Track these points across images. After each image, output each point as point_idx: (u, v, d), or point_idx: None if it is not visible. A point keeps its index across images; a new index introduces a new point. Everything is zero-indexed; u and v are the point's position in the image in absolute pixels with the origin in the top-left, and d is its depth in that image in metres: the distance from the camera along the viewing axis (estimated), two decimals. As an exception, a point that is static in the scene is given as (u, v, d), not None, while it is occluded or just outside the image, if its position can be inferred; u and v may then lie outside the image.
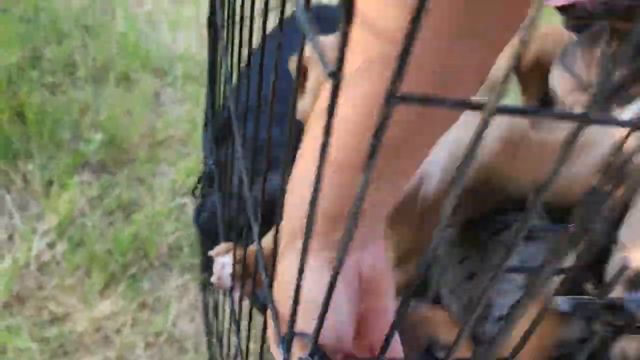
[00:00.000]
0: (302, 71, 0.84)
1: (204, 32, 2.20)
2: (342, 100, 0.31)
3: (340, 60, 0.20)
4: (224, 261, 0.74)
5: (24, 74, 1.55)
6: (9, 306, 1.08)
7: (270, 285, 0.41)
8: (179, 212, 1.31)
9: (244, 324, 0.59)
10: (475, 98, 0.34)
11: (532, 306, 0.27)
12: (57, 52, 1.70)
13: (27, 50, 1.64)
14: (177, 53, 1.94)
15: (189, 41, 2.05)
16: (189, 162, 1.45)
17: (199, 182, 0.88)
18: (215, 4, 0.99)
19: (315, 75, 0.80)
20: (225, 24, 0.72)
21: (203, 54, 1.97)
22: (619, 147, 0.23)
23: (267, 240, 0.63)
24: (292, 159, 0.36)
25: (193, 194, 0.89)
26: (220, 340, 0.88)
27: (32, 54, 1.65)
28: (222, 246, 0.75)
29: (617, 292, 0.36)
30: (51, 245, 1.20)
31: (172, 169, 1.42)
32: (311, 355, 0.29)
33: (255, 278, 0.63)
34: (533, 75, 1.06)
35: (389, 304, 0.36)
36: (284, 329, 0.31)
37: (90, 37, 1.86)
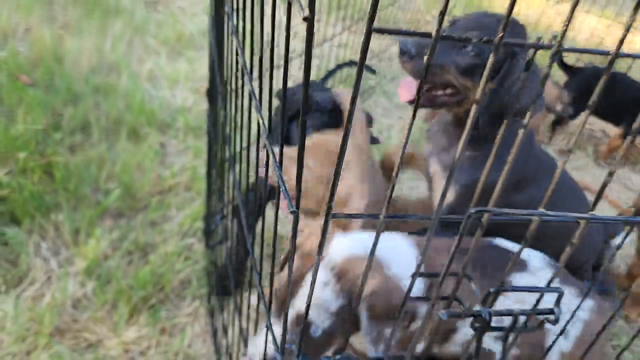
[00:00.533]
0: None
1: (198, 85, 2.49)
2: None
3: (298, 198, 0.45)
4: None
5: (48, 137, 1.81)
6: (52, 336, 1.31)
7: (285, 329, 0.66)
8: (187, 251, 1.56)
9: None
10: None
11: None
12: (74, 113, 1.96)
13: (49, 115, 1.90)
14: (176, 107, 2.20)
15: (186, 95, 2.32)
16: (193, 206, 1.70)
17: (207, 233, 1.13)
18: (215, 77, 1.25)
19: None
20: (223, 94, 0.99)
21: (199, 106, 2.24)
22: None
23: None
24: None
25: (207, 245, 1.13)
26: (229, 356, 1.12)
27: (53, 117, 1.91)
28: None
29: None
30: (82, 284, 1.44)
31: (180, 214, 1.67)
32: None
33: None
34: None
35: None
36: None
37: (101, 97, 2.12)
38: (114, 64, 2.39)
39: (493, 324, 0.60)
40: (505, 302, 0.97)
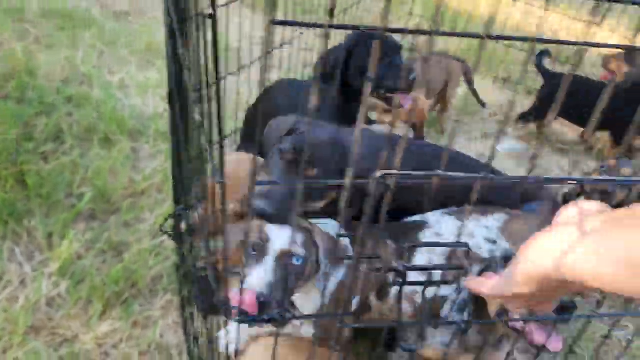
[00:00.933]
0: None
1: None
2: None
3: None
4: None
5: (20, 147, 1.86)
6: (28, 334, 1.36)
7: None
8: (159, 249, 1.61)
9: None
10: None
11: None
12: (47, 123, 2.01)
13: (21, 126, 1.95)
14: (147, 114, 2.27)
15: (157, 102, 2.38)
16: (164, 207, 1.76)
17: (175, 225, 1.19)
18: (173, 84, 1.32)
19: None
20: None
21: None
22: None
23: None
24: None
25: (172, 236, 1.20)
26: (196, 339, 1.18)
27: (26, 128, 1.96)
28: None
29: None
30: (56, 284, 1.49)
31: (152, 215, 1.73)
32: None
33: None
34: None
35: None
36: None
37: (73, 107, 2.18)
38: (86, 75, 2.45)
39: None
40: (432, 257, 1.08)
